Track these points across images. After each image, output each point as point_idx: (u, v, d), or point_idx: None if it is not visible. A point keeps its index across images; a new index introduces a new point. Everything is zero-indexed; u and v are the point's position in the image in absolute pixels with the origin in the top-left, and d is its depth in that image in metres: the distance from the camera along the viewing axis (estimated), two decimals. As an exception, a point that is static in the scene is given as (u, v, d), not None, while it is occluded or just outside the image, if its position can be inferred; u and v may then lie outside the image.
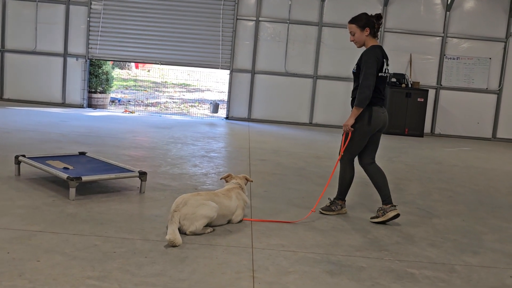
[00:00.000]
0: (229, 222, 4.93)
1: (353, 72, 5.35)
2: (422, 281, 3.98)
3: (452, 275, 4.14)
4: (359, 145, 5.35)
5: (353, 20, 5.31)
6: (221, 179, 5.40)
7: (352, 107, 5.26)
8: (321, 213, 5.48)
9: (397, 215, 5.29)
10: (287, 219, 5.24)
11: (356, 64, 5.31)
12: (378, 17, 5.27)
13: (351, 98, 5.38)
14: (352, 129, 5.22)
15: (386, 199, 5.36)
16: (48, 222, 4.61)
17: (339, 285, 3.80)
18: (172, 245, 4.21)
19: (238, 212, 4.98)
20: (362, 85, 5.11)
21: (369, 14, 5.32)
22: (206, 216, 4.56)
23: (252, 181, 5.58)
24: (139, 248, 4.16)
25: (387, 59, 5.32)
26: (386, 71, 5.30)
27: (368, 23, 5.23)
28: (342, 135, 5.36)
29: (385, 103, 5.43)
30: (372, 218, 5.41)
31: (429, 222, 5.59)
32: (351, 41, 5.40)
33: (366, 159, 5.47)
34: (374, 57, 5.13)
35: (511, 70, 13.12)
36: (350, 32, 5.34)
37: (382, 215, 5.33)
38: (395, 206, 5.34)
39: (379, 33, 5.46)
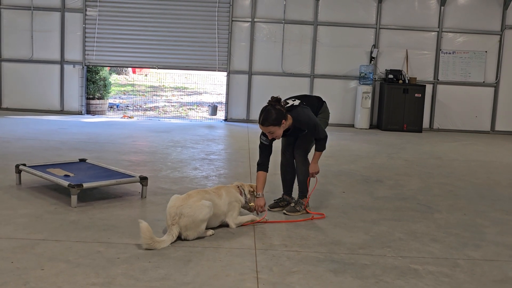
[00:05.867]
0: (226, 225, 4.86)
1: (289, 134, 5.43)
2: (425, 276, 3.99)
3: (455, 270, 4.16)
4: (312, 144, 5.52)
5: (267, 123, 5.05)
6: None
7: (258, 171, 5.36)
8: (285, 214, 5.43)
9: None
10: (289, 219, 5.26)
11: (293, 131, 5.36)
12: (278, 100, 5.12)
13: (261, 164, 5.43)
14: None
15: (306, 193, 5.49)
16: (51, 230, 4.62)
17: (343, 283, 3.81)
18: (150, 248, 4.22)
19: (232, 213, 4.86)
20: (323, 137, 5.30)
21: (270, 103, 5.10)
22: (205, 219, 4.52)
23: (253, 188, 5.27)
24: (142, 253, 4.17)
25: (289, 100, 5.43)
26: (297, 100, 5.40)
27: (280, 116, 5.05)
28: (309, 179, 5.47)
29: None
30: (288, 211, 5.44)
31: (430, 217, 5.60)
32: (270, 138, 5.25)
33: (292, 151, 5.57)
34: (312, 117, 5.25)
35: (507, 63, 13.14)
36: (268, 132, 5.13)
37: (304, 209, 5.46)
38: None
39: (375, 30, 5.45)
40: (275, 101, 5.11)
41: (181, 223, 4.41)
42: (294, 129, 5.33)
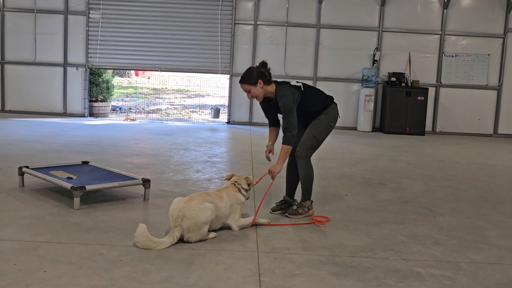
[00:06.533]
0: (228, 228, 4.86)
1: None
2: (428, 279, 3.99)
3: (458, 273, 4.15)
4: (322, 142, 5.51)
5: (243, 80, 5.25)
6: (225, 180, 5.34)
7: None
8: (287, 217, 5.41)
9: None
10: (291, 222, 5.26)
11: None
12: (264, 64, 5.29)
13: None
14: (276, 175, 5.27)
15: (309, 195, 5.48)
16: (53, 232, 4.63)
17: (346, 286, 3.80)
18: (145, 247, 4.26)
19: (233, 215, 4.85)
20: (289, 129, 5.20)
21: (255, 66, 5.36)
22: (207, 221, 4.52)
23: (254, 184, 5.34)
24: (145, 255, 4.17)
25: (289, 80, 5.48)
26: (300, 82, 5.43)
27: (258, 77, 5.19)
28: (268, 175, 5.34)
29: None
30: (290, 214, 5.42)
31: (432, 220, 5.60)
32: (249, 98, 5.40)
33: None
34: (289, 101, 5.18)
35: (510, 66, 13.12)
36: (245, 91, 5.29)
37: (306, 212, 5.42)
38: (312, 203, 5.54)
39: (378, 33, 5.45)
40: (261, 64, 5.29)
41: (184, 225, 4.41)
42: (275, 103, 5.33)
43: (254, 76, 5.18)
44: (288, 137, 5.20)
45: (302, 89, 5.35)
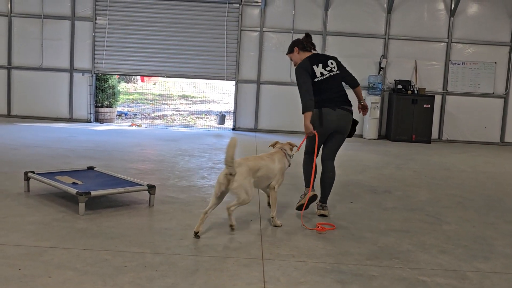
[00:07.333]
0: (231, 229, 5.07)
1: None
2: (434, 288, 3.96)
3: (464, 282, 4.12)
4: (313, 144, 5.78)
5: (287, 52, 5.99)
6: (269, 146, 5.78)
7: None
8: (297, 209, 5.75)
9: (315, 196, 5.72)
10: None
11: None
12: (307, 35, 5.88)
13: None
14: (314, 131, 5.66)
15: (305, 184, 5.91)
16: (59, 237, 4.62)
17: (351, 294, 3.79)
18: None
19: (279, 178, 5.33)
20: (300, 94, 5.71)
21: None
22: (247, 198, 4.91)
23: (296, 146, 5.76)
24: (149, 261, 4.16)
25: (322, 62, 5.74)
26: (323, 75, 5.72)
27: (294, 44, 5.89)
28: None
29: (338, 103, 5.91)
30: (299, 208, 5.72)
31: (439, 229, 5.57)
32: (295, 66, 5.90)
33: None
34: (300, 71, 5.67)
35: (517, 74, 13.09)
36: (291, 60, 5.98)
37: (303, 197, 5.76)
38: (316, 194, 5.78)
39: (384, 40, 5.56)
40: (305, 34, 5.87)
41: (238, 169, 4.89)
42: None
43: (291, 45, 5.89)
44: (302, 104, 5.65)
45: (315, 80, 5.67)
